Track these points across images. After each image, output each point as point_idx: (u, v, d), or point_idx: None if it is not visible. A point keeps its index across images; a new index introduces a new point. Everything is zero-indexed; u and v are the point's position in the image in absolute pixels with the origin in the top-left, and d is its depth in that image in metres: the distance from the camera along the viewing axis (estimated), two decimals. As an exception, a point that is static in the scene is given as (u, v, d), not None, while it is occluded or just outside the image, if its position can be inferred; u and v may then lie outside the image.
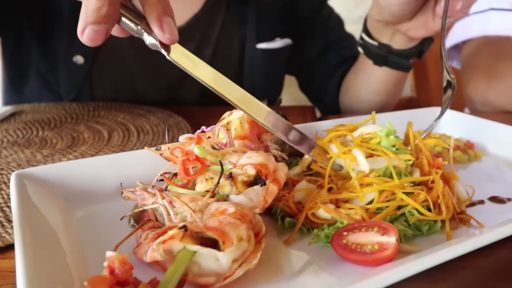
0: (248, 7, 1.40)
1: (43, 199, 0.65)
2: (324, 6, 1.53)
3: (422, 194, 0.64)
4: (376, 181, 0.65)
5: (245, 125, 0.71)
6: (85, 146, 0.98)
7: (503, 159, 0.91)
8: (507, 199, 0.76)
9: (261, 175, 0.60)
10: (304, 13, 1.49)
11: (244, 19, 1.41)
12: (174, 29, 0.60)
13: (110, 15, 0.55)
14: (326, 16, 1.53)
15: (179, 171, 0.62)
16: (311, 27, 1.50)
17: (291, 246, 0.62)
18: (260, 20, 1.41)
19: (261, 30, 1.42)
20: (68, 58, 1.32)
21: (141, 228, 0.59)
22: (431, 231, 0.64)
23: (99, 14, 0.55)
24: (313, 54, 1.50)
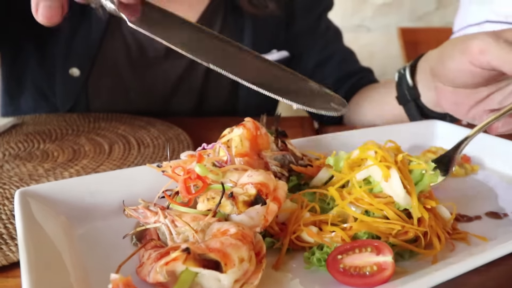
0: (245, 19, 1.40)
1: (47, 217, 0.66)
2: (323, 18, 1.54)
3: (412, 232, 0.64)
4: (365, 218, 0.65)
5: (245, 143, 0.72)
6: (86, 160, 0.99)
7: (499, 172, 0.93)
8: (504, 214, 0.77)
9: (262, 195, 0.61)
10: (302, 25, 1.49)
11: (240, 31, 1.42)
12: (54, 17, 0.57)
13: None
14: (324, 28, 1.53)
15: (181, 189, 0.64)
16: (309, 39, 1.50)
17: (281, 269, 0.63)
18: (256, 33, 1.42)
19: (257, 42, 1.42)
20: (64, 71, 1.33)
21: (144, 247, 0.60)
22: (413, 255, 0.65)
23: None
24: (310, 67, 1.50)
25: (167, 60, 1.36)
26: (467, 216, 0.76)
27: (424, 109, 1.08)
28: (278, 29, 1.46)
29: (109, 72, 1.35)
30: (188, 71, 1.39)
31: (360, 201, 0.65)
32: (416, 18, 2.79)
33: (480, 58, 0.81)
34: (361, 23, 2.79)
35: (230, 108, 1.50)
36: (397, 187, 0.65)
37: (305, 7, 1.47)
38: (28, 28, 1.32)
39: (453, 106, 0.99)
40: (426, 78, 1.02)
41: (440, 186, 0.85)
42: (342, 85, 1.47)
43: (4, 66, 1.47)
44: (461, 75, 0.88)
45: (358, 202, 0.65)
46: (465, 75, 0.87)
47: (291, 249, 0.66)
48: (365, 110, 1.35)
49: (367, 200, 0.65)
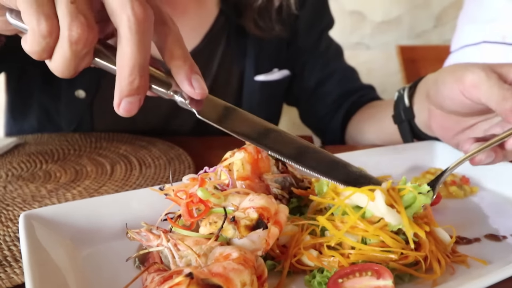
0: (247, 40, 1.42)
1: (51, 240, 0.67)
2: (324, 37, 1.55)
3: (412, 256, 0.65)
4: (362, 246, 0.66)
5: (247, 166, 0.74)
6: (88, 180, 1.00)
7: (498, 194, 0.93)
8: (502, 237, 0.78)
9: (263, 219, 0.62)
10: (303, 44, 1.51)
11: (243, 51, 1.43)
12: (203, 84, 0.64)
13: (142, 86, 0.59)
14: (325, 46, 1.55)
15: (183, 213, 0.65)
16: (310, 57, 1.52)
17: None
18: (259, 53, 1.43)
19: (260, 62, 1.44)
20: (70, 92, 1.35)
21: (147, 270, 0.61)
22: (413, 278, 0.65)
23: (132, 87, 0.59)
24: (311, 85, 1.52)
25: None
26: (467, 238, 0.77)
27: (416, 130, 1.10)
28: (280, 48, 1.48)
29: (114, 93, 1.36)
30: None
31: (356, 229, 0.66)
32: (415, 35, 2.82)
33: (472, 91, 0.83)
34: (360, 40, 2.81)
35: None
36: (382, 206, 0.66)
37: (306, 26, 1.48)
38: None
39: (440, 130, 1.02)
40: (422, 100, 1.04)
41: (439, 208, 0.86)
42: (343, 102, 1.48)
43: (10, 89, 1.49)
44: (452, 103, 0.90)
45: (354, 230, 0.66)
46: (455, 103, 0.89)
47: (292, 272, 0.66)
48: (365, 127, 1.36)
49: (363, 227, 0.66)
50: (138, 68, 0.58)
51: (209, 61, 1.41)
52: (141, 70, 0.58)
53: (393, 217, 0.66)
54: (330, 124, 1.50)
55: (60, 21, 0.56)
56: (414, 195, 0.69)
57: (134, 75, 0.58)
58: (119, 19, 0.56)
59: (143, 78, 0.59)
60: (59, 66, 0.59)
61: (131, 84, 0.58)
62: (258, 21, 1.38)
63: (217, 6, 1.41)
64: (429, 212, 0.74)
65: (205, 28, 1.40)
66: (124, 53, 0.57)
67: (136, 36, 0.57)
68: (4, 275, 0.67)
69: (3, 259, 0.71)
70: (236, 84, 1.47)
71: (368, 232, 0.65)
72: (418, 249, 0.66)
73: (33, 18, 0.55)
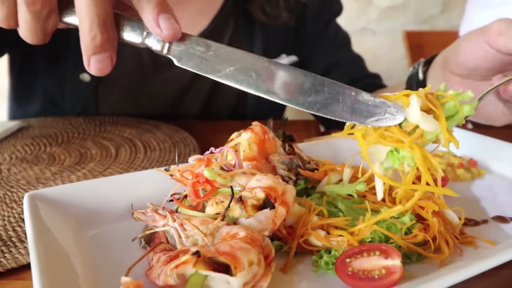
0: (255, 25, 1.41)
1: (56, 220, 0.67)
2: (331, 24, 1.54)
3: (420, 235, 0.64)
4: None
5: (253, 147, 0.73)
6: (93, 163, 0.99)
7: (505, 177, 0.93)
8: (510, 218, 0.77)
9: (270, 198, 0.61)
10: (311, 30, 1.50)
11: (251, 36, 1.42)
12: (174, 24, 0.58)
13: (105, 41, 0.55)
14: (333, 34, 1.53)
15: (189, 193, 0.64)
16: (318, 44, 1.51)
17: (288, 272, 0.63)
18: (267, 38, 1.42)
19: (268, 47, 1.43)
20: (75, 76, 1.34)
21: (153, 250, 0.60)
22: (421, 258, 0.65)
23: (95, 43, 0.55)
24: (318, 72, 1.50)
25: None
26: (474, 220, 0.76)
27: None
28: (288, 35, 1.47)
29: (119, 77, 1.35)
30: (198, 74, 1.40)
31: (388, 138, 0.62)
32: (422, 21, 2.79)
33: (498, 39, 0.81)
34: (366, 26, 2.79)
35: (238, 111, 1.51)
36: (417, 111, 0.60)
37: (314, 13, 1.47)
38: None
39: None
40: (437, 71, 1.01)
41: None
42: None
43: (14, 73, 1.47)
44: (474, 56, 0.87)
45: (386, 139, 0.62)
46: (478, 56, 0.86)
47: (299, 252, 0.66)
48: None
49: (397, 134, 0.61)
50: (98, 22, 0.54)
51: None
52: (102, 24, 0.54)
53: (430, 123, 0.61)
54: None
55: None
56: (455, 104, 0.63)
57: (94, 30, 0.54)
58: None
59: (105, 32, 0.55)
60: (25, 31, 0.57)
61: (93, 40, 0.55)
62: (266, 8, 1.37)
63: None
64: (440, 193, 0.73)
65: (213, 11, 1.39)
66: (81, 7, 0.54)
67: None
68: (9, 255, 0.66)
69: (8, 240, 0.70)
70: None
71: (403, 143, 0.61)
72: (427, 229, 0.65)
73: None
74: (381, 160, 0.64)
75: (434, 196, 0.73)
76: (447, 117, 0.62)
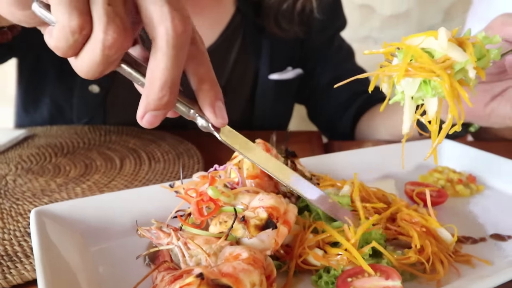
0: (263, 38, 1.43)
1: (62, 236, 0.68)
2: (336, 37, 1.57)
3: (414, 257, 0.65)
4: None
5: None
6: (98, 175, 1.01)
7: (504, 193, 0.94)
8: (508, 236, 0.78)
9: (272, 218, 0.62)
10: (316, 43, 1.52)
11: (258, 49, 1.45)
12: (225, 113, 0.63)
13: (170, 102, 0.57)
14: (337, 47, 1.56)
15: (193, 211, 0.65)
16: (322, 57, 1.53)
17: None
18: (274, 51, 1.45)
19: (274, 60, 1.46)
20: (84, 87, 1.35)
21: (157, 269, 0.62)
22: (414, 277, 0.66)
23: (161, 102, 0.56)
24: (322, 84, 1.53)
25: None
26: (472, 238, 0.77)
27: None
28: (294, 47, 1.49)
29: (127, 87, 1.37)
30: None
31: (418, 69, 0.62)
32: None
33: (503, 29, 0.82)
34: (369, 34, 2.80)
35: (245, 121, 1.53)
36: (445, 42, 0.61)
37: (320, 26, 1.49)
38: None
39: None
40: None
41: (445, 207, 0.86)
42: (353, 101, 1.49)
43: (22, 81, 1.49)
44: None
45: (417, 70, 0.62)
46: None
47: (297, 271, 0.67)
48: (376, 124, 1.37)
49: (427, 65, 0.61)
50: (170, 84, 0.55)
51: (225, 58, 1.43)
52: (173, 87, 0.56)
53: (458, 52, 0.61)
54: (341, 121, 1.51)
55: (95, 22, 0.52)
56: (482, 47, 0.64)
57: (165, 91, 0.55)
58: (157, 30, 0.53)
59: (173, 95, 0.56)
60: (85, 67, 0.56)
61: (160, 99, 0.56)
62: (281, 22, 1.40)
63: (233, 5, 1.43)
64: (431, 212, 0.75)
65: (221, 26, 1.41)
66: (158, 67, 0.54)
67: (173, 50, 0.54)
68: (15, 271, 0.68)
69: (14, 255, 0.72)
70: (251, 82, 1.48)
71: (432, 71, 0.61)
72: (421, 251, 0.67)
73: (65, 12, 0.51)
74: (413, 92, 0.65)
75: (426, 215, 0.75)
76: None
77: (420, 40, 0.63)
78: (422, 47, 0.62)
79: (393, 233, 0.72)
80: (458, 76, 0.62)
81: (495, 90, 0.92)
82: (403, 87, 0.65)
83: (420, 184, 0.92)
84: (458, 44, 0.62)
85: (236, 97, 1.49)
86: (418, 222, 0.73)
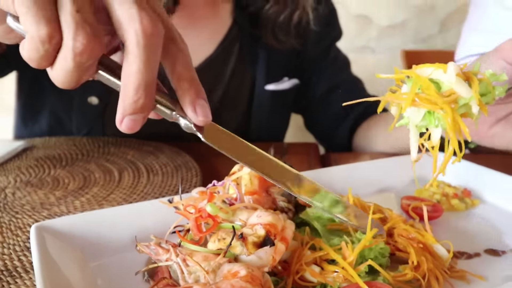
0: (259, 49, 1.45)
1: (62, 253, 0.69)
2: (332, 48, 1.59)
3: (410, 274, 0.66)
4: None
5: (254, 181, 0.75)
6: (97, 188, 1.01)
7: (499, 208, 0.95)
8: (502, 252, 0.79)
9: (270, 235, 0.63)
10: (312, 54, 1.54)
11: (255, 60, 1.46)
12: (207, 111, 0.62)
13: (146, 105, 0.57)
14: (333, 57, 1.58)
15: (192, 228, 0.66)
16: (318, 67, 1.55)
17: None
18: (270, 62, 1.47)
19: (271, 71, 1.47)
20: (83, 99, 1.37)
21: (156, 285, 0.63)
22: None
23: (136, 106, 0.56)
24: (318, 94, 1.54)
25: None
26: (467, 253, 0.78)
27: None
28: (290, 58, 1.51)
29: None
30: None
31: (424, 100, 0.63)
32: (420, 40, 2.83)
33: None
34: (366, 44, 2.82)
35: (242, 132, 1.54)
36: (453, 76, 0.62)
37: (316, 37, 1.51)
38: None
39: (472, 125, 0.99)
40: None
41: (440, 221, 0.87)
42: (350, 111, 1.50)
43: (22, 93, 1.50)
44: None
45: (422, 100, 0.63)
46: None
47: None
48: (374, 134, 1.38)
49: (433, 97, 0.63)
50: (144, 87, 0.55)
51: (222, 69, 1.44)
52: (147, 89, 0.55)
53: (464, 87, 0.62)
54: (337, 131, 1.52)
55: (64, 30, 0.52)
56: (488, 84, 0.65)
57: (139, 94, 0.55)
58: (127, 32, 0.53)
59: (149, 97, 0.56)
60: (60, 76, 0.56)
61: (136, 102, 0.56)
62: (278, 34, 1.41)
63: (230, 17, 1.45)
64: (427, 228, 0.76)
65: (219, 37, 1.43)
66: (130, 70, 0.54)
67: (144, 52, 0.53)
68: (14, 286, 0.68)
69: (14, 270, 0.72)
70: (247, 92, 1.50)
71: (436, 104, 0.62)
72: (417, 267, 0.68)
73: (33, 21, 0.51)
74: (418, 121, 0.66)
75: (422, 230, 0.76)
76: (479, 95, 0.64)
77: (430, 71, 0.64)
78: (430, 77, 0.64)
79: (392, 248, 0.73)
80: (462, 110, 0.64)
81: (500, 113, 0.92)
82: (409, 115, 0.66)
83: (416, 198, 0.93)
84: (466, 78, 0.63)
85: (233, 108, 1.50)
86: (414, 237, 0.74)
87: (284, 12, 1.38)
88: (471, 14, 1.61)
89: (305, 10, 1.40)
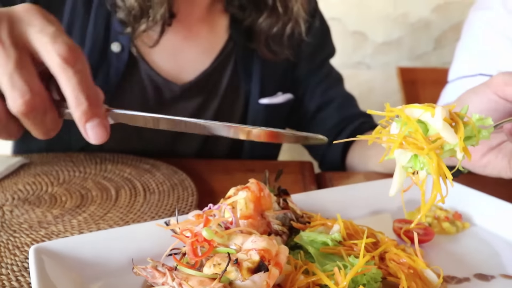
0: (254, 64, 1.48)
1: (60, 275, 0.70)
2: (325, 64, 1.61)
3: None
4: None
5: (250, 205, 0.77)
6: (94, 206, 1.03)
7: (489, 231, 0.96)
8: (491, 276, 0.81)
9: (264, 261, 0.65)
10: (305, 69, 1.57)
11: (249, 74, 1.49)
12: (100, 130, 0.67)
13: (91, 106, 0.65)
14: (326, 73, 1.60)
15: (188, 252, 0.68)
16: (311, 83, 1.57)
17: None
18: (265, 76, 1.49)
19: (265, 85, 1.50)
20: None
21: (153, 309, 0.64)
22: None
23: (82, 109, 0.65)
24: (311, 110, 1.56)
25: (181, 100, 1.42)
26: (457, 277, 0.80)
27: None
28: (285, 72, 1.54)
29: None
30: (199, 110, 1.46)
31: (411, 144, 0.66)
32: (415, 57, 2.86)
33: (505, 89, 0.83)
34: (361, 60, 2.85)
35: (235, 148, 1.56)
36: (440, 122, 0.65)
37: (309, 53, 1.54)
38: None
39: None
40: None
41: (431, 245, 0.89)
42: (343, 128, 1.52)
43: None
44: (486, 107, 0.87)
45: (409, 144, 0.66)
46: (488, 107, 0.87)
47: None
48: (367, 154, 1.39)
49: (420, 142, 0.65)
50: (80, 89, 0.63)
51: (217, 83, 1.46)
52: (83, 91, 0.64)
53: (450, 134, 0.65)
54: (330, 148, 1.54)
55: (4, 94, 0.59)
56: (473, 128, 0.68)
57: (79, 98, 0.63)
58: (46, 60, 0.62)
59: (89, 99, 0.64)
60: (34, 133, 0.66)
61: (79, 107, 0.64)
62: (272, 46, 1.44)
63: (226, 32, 1.47)
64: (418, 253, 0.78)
65: (215, 52, 1.45)
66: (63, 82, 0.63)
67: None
68: (14, 307, 0.70)
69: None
70: (242, 106, 1.52)
71: (423, 149, 0.65)
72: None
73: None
74: (404, 162, 0.70)
75: (413, 255, 0.77)
76: (464, 137, 0.67)
77: (419, 113, 0.67)
78: (419, 118, 0.67)
79: (384, 272, 0.75)
80: (447, 154, 0.67)
81: (492, 142, 0.93)
82: (396, 156, 0.69)
83: (408, 221, 0.94)
84: (452, 121, 0.66)
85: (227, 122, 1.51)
86: (405, 262, 0.75)
87: (277, 25, 1.41)
88: (464, 36, 1.63)
89: (297, 22, 1.43)
